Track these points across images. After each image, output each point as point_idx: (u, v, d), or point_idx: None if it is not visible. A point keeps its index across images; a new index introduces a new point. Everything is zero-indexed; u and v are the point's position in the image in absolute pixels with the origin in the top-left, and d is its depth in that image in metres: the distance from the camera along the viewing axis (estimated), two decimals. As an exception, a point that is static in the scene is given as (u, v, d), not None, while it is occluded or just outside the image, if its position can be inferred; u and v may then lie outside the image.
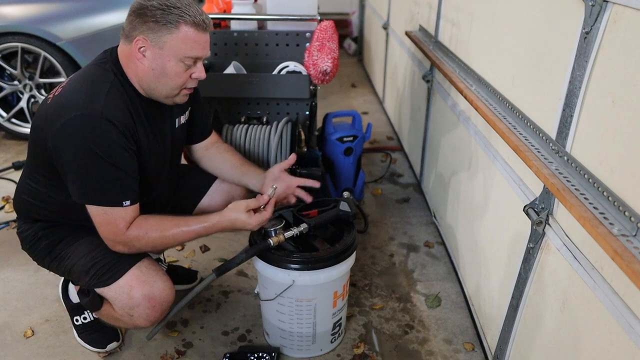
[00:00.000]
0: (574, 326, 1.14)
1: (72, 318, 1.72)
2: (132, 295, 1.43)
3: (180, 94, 1.44)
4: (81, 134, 1.29)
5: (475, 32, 1.86)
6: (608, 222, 0.93)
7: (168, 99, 1.44)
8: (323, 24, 2.16)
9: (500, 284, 1.58)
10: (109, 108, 1.31)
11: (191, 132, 1.73)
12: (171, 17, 1.31)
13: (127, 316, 1.47)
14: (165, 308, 1.50)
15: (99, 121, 1.29)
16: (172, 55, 1.35)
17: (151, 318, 1.47)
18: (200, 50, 1.38)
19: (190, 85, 1.44)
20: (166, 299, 1.48)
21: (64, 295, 1.73)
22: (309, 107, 2.32)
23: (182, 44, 1.34)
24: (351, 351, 1.76)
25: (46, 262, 1.56)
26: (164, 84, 1.39)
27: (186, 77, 1.41)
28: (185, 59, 1.37)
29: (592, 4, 1.03)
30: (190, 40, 1.35)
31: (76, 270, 1.48)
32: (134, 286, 1.43)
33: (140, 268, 1.46)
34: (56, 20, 3.04)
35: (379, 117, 3.89)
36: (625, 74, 0.96)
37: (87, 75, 1.39)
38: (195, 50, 1.37)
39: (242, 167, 1.76)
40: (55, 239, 1.53)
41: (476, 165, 1.83)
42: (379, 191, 2.82)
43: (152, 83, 1.39)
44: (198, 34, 1.35)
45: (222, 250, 2.27)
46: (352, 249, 1.61)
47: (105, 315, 1.55)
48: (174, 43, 1.33)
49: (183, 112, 1.63)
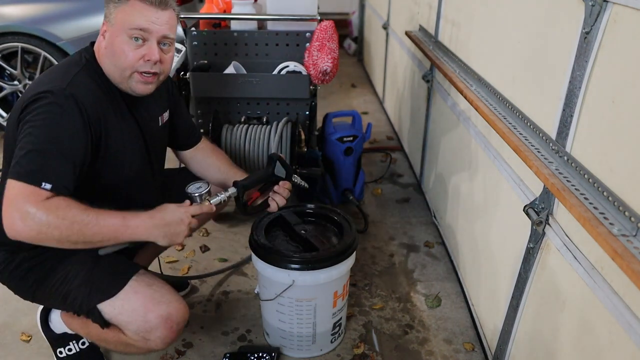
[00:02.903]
0: (574, 326, 1.14)
1: (54, 350, 1.62)
2: (148, 318, 1.33)
3: (132, 77, 1.36)
4: (38, 107, 1.24)
5: (475, 32, 1.86)
6: (608, 222, 0.93)
7: (123, 84, 1.38)
8: (323, 24, 2.16)
9: (500, 283, 1.58)
10: (75, 86, 1.28)
11: (174, 136, 1.69)
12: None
13: (142, 340, 1.36)
14: (182, 328, 1.40)
15: (58, 97, 1.25)
16: (120, 29, 1.31)
17: (168, 340, 1.37)
18: (147, 23, 1.32)
19: (142, 68, 1.35)
20: (182, 318, 1.39)
21: (44, 326, 1.61)
22: (309, 107, 2.32)
23: (127, 16, 1.30)
24: (351, 351, 1.76)
25: (36, 296, 1.44)
26: (115, 63, 1.35)
27: (136, 56, 1.33)
28: (132, 31, 1.31)
29: (592, 4, 1.03)
30: (136, 12, 1.30)
31: (73, 294, 1.37)
32: (150, 308, 1.33)
33: (151, 287, 1.37)
34: (56, 20, 3.05)
35: (379, 117, 3.89)
36: (625, 74, 0.96)
37: (59, 63, 1.41)
38: (141, 21, 1.31)
39: (228, 172, 1.70)
40: (43, 272, 1.40)
41: (476, 165, 1.82)
42: (379, 191, 2.82)
43: (107, 64, 1.37)
44: (146, 6, 1.31)
45: (222, 250, 2.28)
46: (352, 249, 1.61)
47: (113, 342, 1.43)
48: (121, 16, 1.31)
49: (162, 110, 1.59)
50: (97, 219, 1.22)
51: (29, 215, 1.16)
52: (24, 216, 1.16)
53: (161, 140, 1.62)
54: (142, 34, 1.32)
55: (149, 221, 1.28)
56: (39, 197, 1.18)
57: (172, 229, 1.30)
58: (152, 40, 1.34)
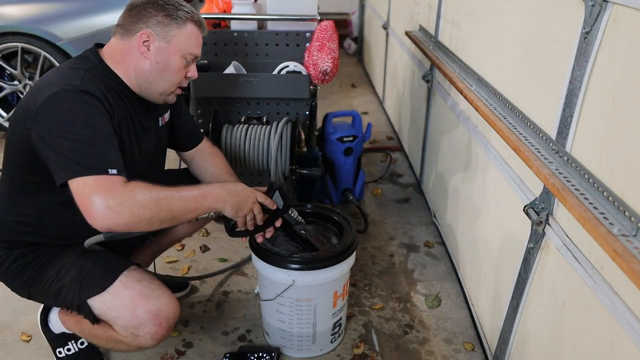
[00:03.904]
0: (574, 326, 1.14)
1: (54, 350, 1.61)
2: (137, 313, 1.33)
3: (174, 92, 1.46)
4: (60, 107, 1.23)
5: (475, 32, 1.86)
6: (608, 222, 0.93)
7: (162, 95, 1.44)
8: (323, 24, 2.16)
9: (500, 284, 1.58)
10: (86, 84, 1.28)
11: (173, 136, 1.69)
12: (181, 14, 1.37)
13: (131, 337, 1.36)
14: (172, 325, 1.39)
15: (76, 94, 1.25)
16: (178, 50, 1.39)
17: (158, 336, 1.36)
18: (199, 49, 1.45)
19: (184, 84, 1.47)
20: (172, 314, 1.38)
21: (44, 326, 1.61)
22: (309, 107, 2.32)
23: (188, 40, 1.39)
24: (351, 351, 1.76)
25: (32, 292, 1.44)
26: (165, 78, 1.40)
27: (183, 75, 1.44)
28: (188, 55, 1.41)
29: (592, 4, 1.03)
30: (193, 38, 1.41)
31: (65, 290, 1.37)
32: (138, 303, 1.33)
33: (141, 282, 1.37)
34: (56, 20, 3.05)
35: (379, 117, 3.89)
36: (625, 74, 0.96)
37: (63, 65, 1.40)
38: (197, 48, 1.43)
39: (221, 179, 1.68)
40: (37, 268, 1.41)
41: (476, 165, 1.83)
42: (379, 191, 2.82)
43: (152, 76, 1.39)
44: (199, 33, 1.43)
45: (222, 250, 2.28)
46: (352, 249, 1.61)
47: (104, 338, 1.43)
48: (181, 38, 1.38)
49: (163, 111, 1.60)
50: (177, 192, 1.27)
51: (117, 203, 1.17)
52: (113, 205, 1.16)
53: (161, 140, 1.63)
54: (193, 58, 1.44)
55: (221, 190, 1.35)
56: (117, 183, 1.19)
57: (241, 200, 1.37)
58: (195, 61, 1.46)
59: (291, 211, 1.55)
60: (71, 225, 1.39)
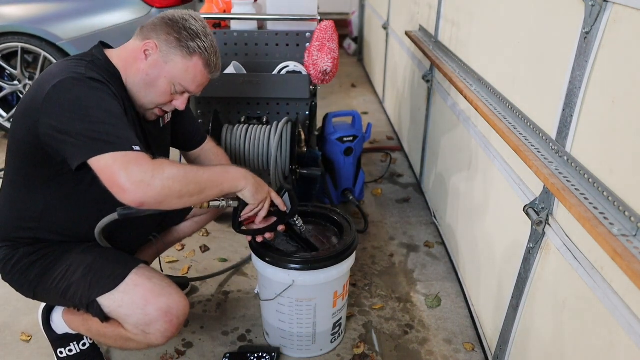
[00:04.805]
0: (574, 326, 1.14)
1: (55, 351, 1.61)
2: (148, 311, 1.32)
3: (153, 110, 1.43)
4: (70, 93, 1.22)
5: (475, 32, 1.86)
6: (608, 222, 0.93)
7: (141, 108, 1.43)
8: (323, 24, 2.16)
9: (500, 284, 1.58)
10: (91, 73, 1.28)
11: (176, 137, 1.69)
12: (192, 44, 1.35)
13: (142, 334, 1.35)
14: (182, 322, 1.39)
15: (84, 81, 1.24)
16: (170, 75, 1.36)
17: (168, 334, 1.36)
18: (194, 87, 1.41)
19: (166, 108, 1.44)
20: (183, 311, 1.38)
21: (46, 326, 1.60)
22: (309, 107, 2.32)
23: (185, 71, 1.36)
24: (351, 351, 1.76)
25: (37, 292, 1.44)
26: (147, 92, 1.38)
27: (167, 99, 1.41)
28: (178, 84, 1.38)
29: (592, 4, 1.03)
30: (193, 73, 1.37)
31: (73, 288, 1.37)
32: (149, 300, 1.33)
33: (152, 280, 1.36)
34: (56, 20, 3.04)
35: (379, 117, 3.89)
36: (625, 74, 0.96)
37: (63, 60, 1.38)
38: (191, 84, 1.39)
39: None
40: (44, 267, 1.40)
41: (476, 165, 1.83)
42: (379, 191, 2.82)
43: (138, 85, 1.38)
44: (203, 72, 1.39)
45: (222, 250, 2.28)
46: (352, 249, 1.61)
47: (113, 336, 1.42)
48: (179, 67, 1.35)
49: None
50: (201, 168, 1.30)
51: (150, 176, 1.16)
52: (145, 178, 1.16)
53: (163, 140, 1.63)
54: (182, 90, 1.40)
55: (242, 170, 1.38)
56: (145, 158, 1.19)
57: (259, 183, 1.40)
58: (187, 95, 1.42)
59: (297, 218, 1.56)
60: (77, 217, 1.39)
